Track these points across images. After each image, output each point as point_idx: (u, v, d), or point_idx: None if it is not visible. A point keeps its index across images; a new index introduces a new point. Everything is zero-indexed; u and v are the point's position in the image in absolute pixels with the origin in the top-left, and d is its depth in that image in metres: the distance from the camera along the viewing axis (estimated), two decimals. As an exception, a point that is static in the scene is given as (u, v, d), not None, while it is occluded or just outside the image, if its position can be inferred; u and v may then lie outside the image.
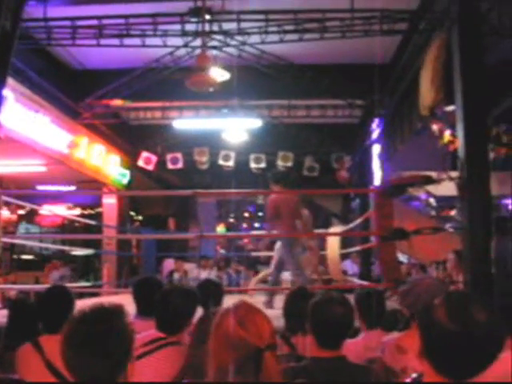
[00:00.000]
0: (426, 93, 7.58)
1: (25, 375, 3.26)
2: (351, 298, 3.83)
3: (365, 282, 10.06)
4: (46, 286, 9.81)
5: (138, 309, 4.10)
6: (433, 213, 19.17)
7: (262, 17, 8.80)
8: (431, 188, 12.94)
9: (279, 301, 5.99)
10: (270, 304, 7.89)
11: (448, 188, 6.93)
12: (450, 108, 7.40)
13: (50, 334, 3.45)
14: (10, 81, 8.35)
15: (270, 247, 16.97)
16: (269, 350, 1.97)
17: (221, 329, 2.01)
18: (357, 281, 11.19)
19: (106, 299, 8.46)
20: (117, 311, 2.07)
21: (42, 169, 12.72)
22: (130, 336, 2.06)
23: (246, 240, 20.34)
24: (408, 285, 3.57)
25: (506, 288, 6.31)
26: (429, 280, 3.73)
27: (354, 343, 3.93)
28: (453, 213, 15.68)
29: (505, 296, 5.93)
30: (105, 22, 9.11)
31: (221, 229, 21.45)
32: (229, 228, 22.36)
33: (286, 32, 8.93)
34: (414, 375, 2.10)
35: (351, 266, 14.61)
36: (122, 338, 2.02)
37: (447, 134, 9.64)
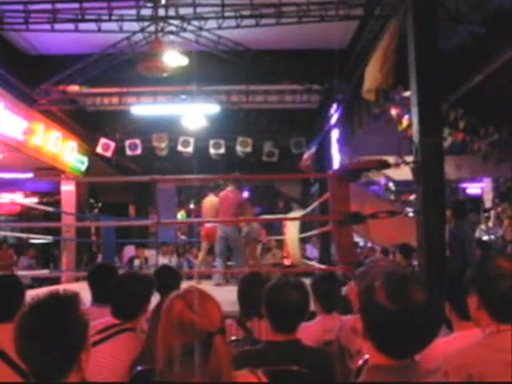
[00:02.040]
0: (373, 76, 7.66)
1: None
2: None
3: (323, 266, 10.18)
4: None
5: (93, 296, 4.10)
6: (392, 197, 19.45)
7: (218, 1, 8.75)
8: (390, 172, 13.11)
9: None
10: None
11: (407, 173, 7.03)
12: (408, 93, 7.49)
13: (1, 323, 3.41)
14: (-38, 67, 8.20)
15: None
16: (219, 334, 1.99)
17: (171, 313, 2.02)
18: (317, 265, 11.30)
19: (64, 287, 8.41)
20: (70, 299, 2.08)
21: (-2, 156, 12.55)
22: (83, 325, 2.07)
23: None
24: (364, 267, 3.63)
25: (461, 269, 6.44)
26: (383, 262, 3.80)
27: (310, 326, 3.98)
28: (412, 197, 15.92)
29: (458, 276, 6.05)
30: (59, 6, 8.92)
31: (181, 215, 21.40)
32: (189, 214, 22.32)
33: (242, 17, 8.89)
34: (367, 356, 2.15)
35: (311, 251, 14.77)
36: (75, 327, 2.03)
37: (405, 119, 9.77)
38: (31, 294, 2.18)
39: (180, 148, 14.22)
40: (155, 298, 3.85)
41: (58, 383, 1.99)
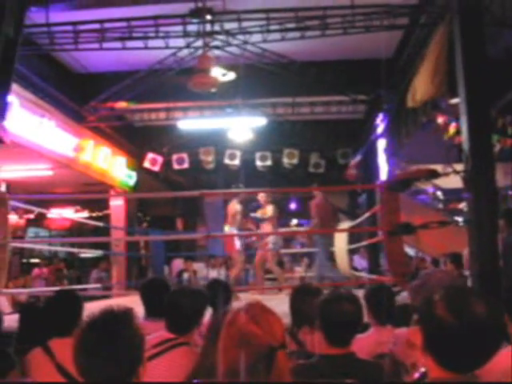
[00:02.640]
0: (425, 87, 7.57)
1: (36, 379, 3.29)
2: (360, 292, 3.85)
3: (373, 277, 10.08)
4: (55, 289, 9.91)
5: (146, 310, 4.12)
6: (440, 206, 19.15)
7: (263, 15, 8.80)
8: (438, 181, 12.94)
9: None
10: None
11: (455, 181, 6.92)
12: (455, 101, 7.39)
13: (60, 337, 3.47)
14: (15, 86, 8.40)
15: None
16: (281, 349, 1.99)
17: (233, 327, 2.02)
18: (366, 276, 11.20)
19: (116, 301, 8.50)
20: (126, 315, 2.11)
21: (49, 173, 12.77)
22: (139, 339, 2.10)
23: (254, 238, 20.34)
24: (420, 279, 3.59)
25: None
26: (440, 274, 3.74)
27: (363, 339, 3.94)
28: (461, 206, 15.66)
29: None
30: (107, 25, 9.13)
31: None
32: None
33: (287, 30, 8.93)
34: (423, 369, 2.12)
35: (359, 262, 14.63)
36: (131, 342, 2.06)
37: (452, 126, 9.64)
38: (92, 307, 2.22)
39: (227, 161, 14.29)
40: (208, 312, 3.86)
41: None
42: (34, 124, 10.12)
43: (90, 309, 2.14)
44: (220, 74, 9.68)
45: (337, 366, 2.97)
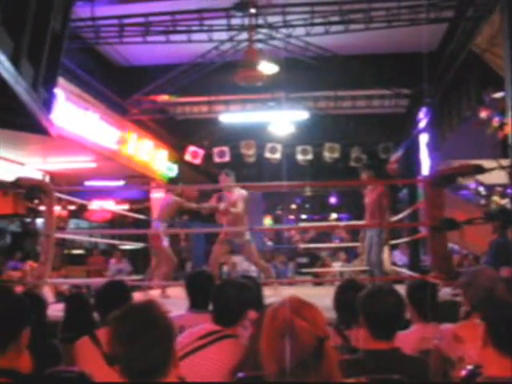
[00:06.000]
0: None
1: (84, 367, 3.34)
2: (399, 288, 3.82)
3: (415, 274, 9.99)
4: (98, 279, 10.01)
5: (190, 302, 4.15)
6: (482, 202, 18.84)
7: (307, 9, 8.78)
8: (480, 176, 12.74)
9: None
10: None
11: (498, 176, 6.82)
12: (499, 95, 7.28)
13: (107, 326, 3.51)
14: (60, 80, 8.48)
15: (316, 239, 16.97)
16: (328, 339, 1.99)
17: (276, 321, 2.02)
18: (407, 272, 11.10)
19: (157, 292, 8.61)
20: (158, 306, 2.16)
21: (92, 165, 12.92)
22: (173, 330, 2.14)
23: (292, 232, 20.32)
24: (467, 276, 3.55)
25: None
26: (489, 271, 3.69)
27: (407, 335, 3.91)
28: (504, 201, 15.40)
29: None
30: (151, 19, 9.22)
31: (267, 221, 21.46)
32: (275, 220, 22.35)
33: (331, 23, 8.90)
34: (470, 367, 2.10)
35: (400, 257, 14.52)
36: (166, 332, 2.10)
37: (495, 121, 9.49)
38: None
39: (267, 155, 14.30)
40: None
41: (157, 382, 2.06)
42: (79, 117, 10.25)
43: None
44: (266, 68, 9.66)
45: (382, 361, 2.96)
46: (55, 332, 4.40)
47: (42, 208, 8.05)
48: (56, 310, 5.23)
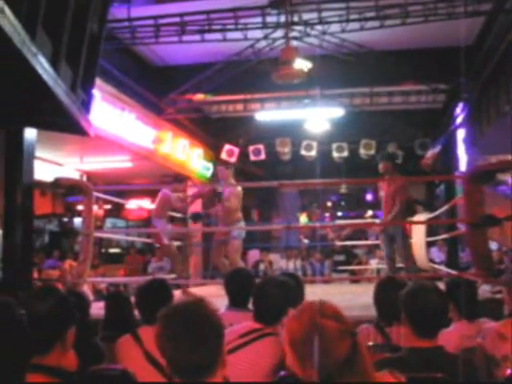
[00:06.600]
0: None
1: (125, 365, 3.37)
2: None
3: (453, 271, 9.88)
4: (137, 278, 10.06)
5: (230, 300, 4.16)
6: (522, 198, 18.53)
7: (342, 5, 8.74)
8: (519, 172, 12.54)
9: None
10: None
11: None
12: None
13: (149, 325, 3.54)
14: (97, 80, 8.57)
15: (352, 236, 16.86)
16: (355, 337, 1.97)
17: (302, 322, 2.00)
18: (444, 269, 10.98)
19: (194, 290, 8.64)
20: (206, 304, 2.15)
21: (129, 164, 13.05)
22: (221, 327, 2.14)
23: (328, 229, 20.27)
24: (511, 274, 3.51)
25: None
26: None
27: (448, 333, 3.87)
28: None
29: None
30: (186, 18, 9.27)
31: (303, 218, 21.42)
32: (310, 218, 22.30)
33: (366, 19, 8.84)
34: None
35: (438, 254, 14.38)
36: (214, 330, 2.11)
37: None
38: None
39: (303, 152, 14.27)
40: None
41: (204, 382, 2.06)
42: (115, 117, 10.37)
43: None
44: (303, 66, 9.63)
45: (425, 359, 2.92)
46: (96, 330, 4.45)
47: (80, 207, 8.14)
48: (96, 308, 5.28)
